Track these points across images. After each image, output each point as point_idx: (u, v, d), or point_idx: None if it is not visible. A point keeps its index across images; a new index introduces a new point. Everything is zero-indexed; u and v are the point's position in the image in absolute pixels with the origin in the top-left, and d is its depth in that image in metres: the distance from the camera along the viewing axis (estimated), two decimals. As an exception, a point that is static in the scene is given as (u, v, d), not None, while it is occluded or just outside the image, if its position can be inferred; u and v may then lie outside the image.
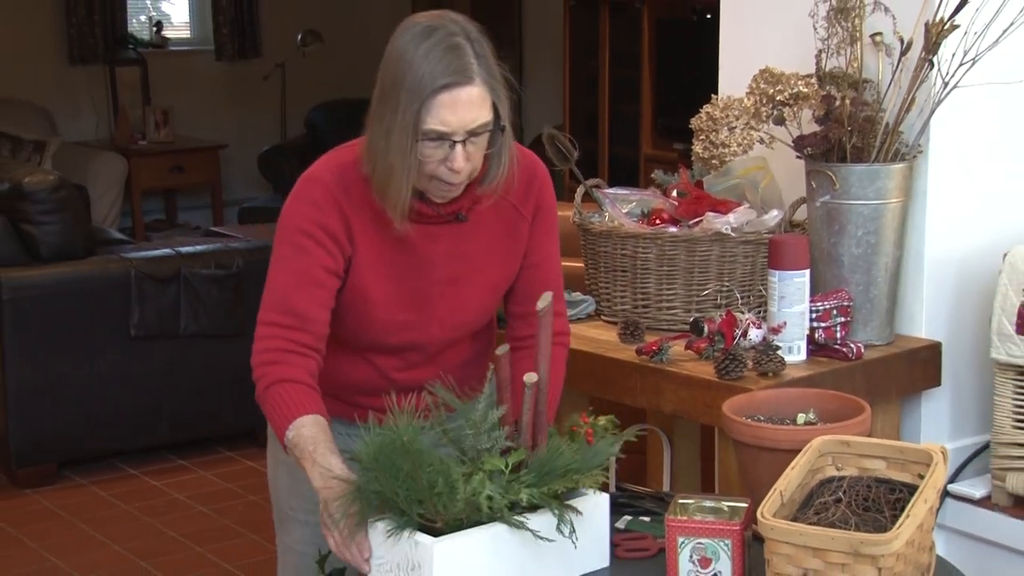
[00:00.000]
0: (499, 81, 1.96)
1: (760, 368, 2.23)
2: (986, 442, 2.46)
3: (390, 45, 2.00)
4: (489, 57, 1.96)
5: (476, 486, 1.76)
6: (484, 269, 2.11)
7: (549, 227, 2.14)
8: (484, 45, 1.96)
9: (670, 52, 6.22)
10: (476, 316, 2.14)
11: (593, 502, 1.85)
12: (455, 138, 1.92)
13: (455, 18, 1.99)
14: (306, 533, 2.25)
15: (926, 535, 1.78)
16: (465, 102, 1.92)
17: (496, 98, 1.95)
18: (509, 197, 2.09)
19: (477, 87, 1.92)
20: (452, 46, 1.92)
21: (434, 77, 1.91)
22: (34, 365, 4.37)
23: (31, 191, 4.39)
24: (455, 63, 1.91)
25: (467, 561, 1.77)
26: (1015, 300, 2.30)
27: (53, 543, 4.05)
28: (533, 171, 2.13)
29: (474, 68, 1.92)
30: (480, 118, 1.93)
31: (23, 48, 7.74)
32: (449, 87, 1.91)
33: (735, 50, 2.74)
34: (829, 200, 2.37)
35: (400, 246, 2.06)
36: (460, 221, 2.06)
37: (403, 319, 2.10)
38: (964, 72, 2.32)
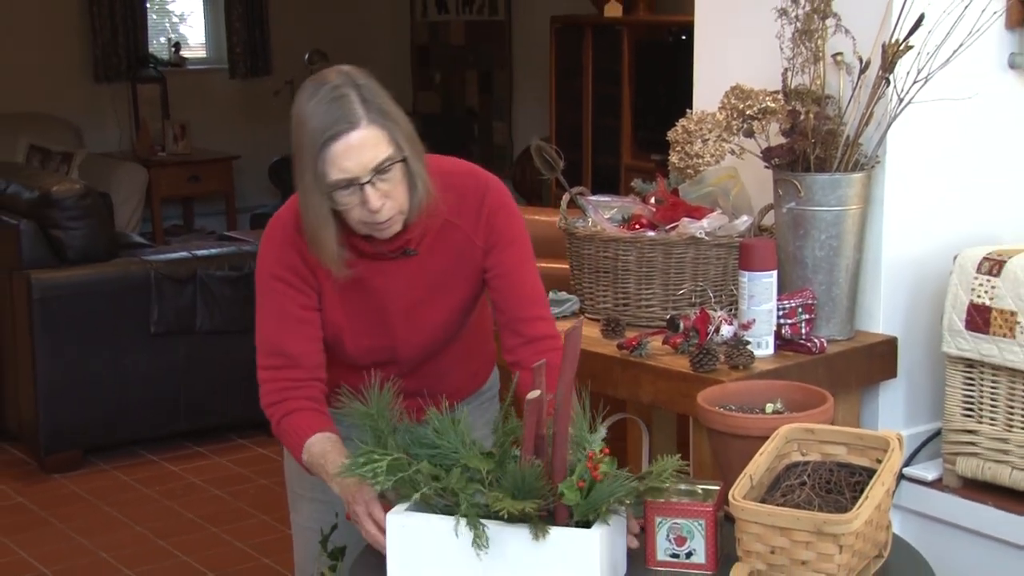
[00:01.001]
0: (393, 117, 1.90)
1: (731, 362, 2.23)
2: (938, 429, 2.46)
3: (292, 111, 1.94)
4: (379, 98, 1.91)
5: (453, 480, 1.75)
6: (441, 295, 2.07)
7: (508, 242, 2.06)
8: (372, 88, 1.91)
9: (648, 71, 6.22)
10: (442, 335, 2.10)
11: (579, 536, 1.68)
12: (361, 180, 1.87)
13: (341, 70, 1.94)
14: (314, 510, 2.25)
15: (883, 515, 1.78)
16: (357, 146, 1.86)
17: (392, 133, 1.89)
18: (460, 224, 2.03)
19: (365, 128, 1.87)
20: (335, 97, 1.87)
21: (323, 130, 1.86)
22: (62, 360, 4.35)
23: (59, 199, 4.38)
24: (339, 112, 1.86)
25: (420, 540, 1.75)
26: (964, 299, 2.30)
27: (79, 524, 4.03)
28: (483, 196, 2.05)
29: (359, 112, 1.87)
30: (379, 155, 1.87)
31: (52, 67, 7.73)
32: (338, 136, 1.86)
33: (708, 69, 2.74)
34: (795, 207, 2.37)
35: (359, 283, 2.03)
36: (410, 256, 2.02)
37: (371, 344, 2.08)
38: (918, 89, 2.32)
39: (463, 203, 2.04)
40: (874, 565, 1.79)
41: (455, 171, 2.07)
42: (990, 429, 2.30)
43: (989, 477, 2.31)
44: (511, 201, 2.09)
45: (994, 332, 2.25)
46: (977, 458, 2.32)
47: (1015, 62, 2.55)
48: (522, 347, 2.06)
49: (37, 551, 3.84)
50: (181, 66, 8.31)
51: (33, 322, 4.30)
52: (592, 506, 1.70)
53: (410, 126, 1.94)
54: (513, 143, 8.07)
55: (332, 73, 1.92)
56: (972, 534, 2.35)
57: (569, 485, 1.70)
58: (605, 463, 1.71)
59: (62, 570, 3.71)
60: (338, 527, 2.25)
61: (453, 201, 2.03)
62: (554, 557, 1.69)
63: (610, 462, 1.72)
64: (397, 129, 1.90)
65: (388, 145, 1.89)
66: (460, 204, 2.04)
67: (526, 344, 2.05)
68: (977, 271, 2.28)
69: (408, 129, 1.93)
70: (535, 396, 1.70)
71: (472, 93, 8.36)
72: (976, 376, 2.32)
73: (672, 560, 1.79)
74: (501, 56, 8.05)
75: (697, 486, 1.87)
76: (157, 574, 3.67)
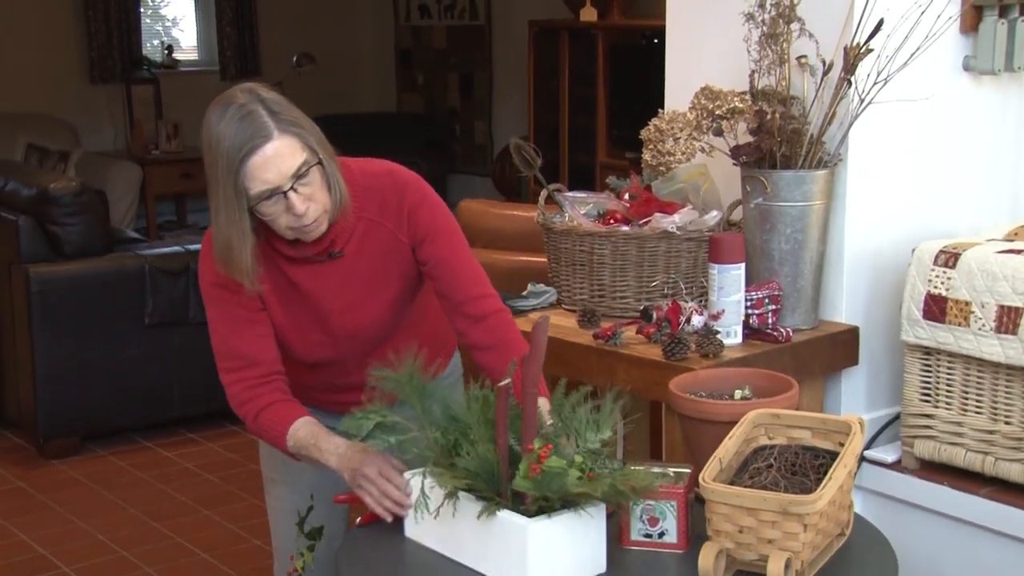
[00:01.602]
0: (302, 125, 1.89)
1: (702, 350, 2.23)
2: (897, 413, 2.47)
3: (202, 133, 1.91)
4: (286, 109, 1.89)
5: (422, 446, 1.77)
6: (375, 292, 2.05)
7: (435, 235, 2.03)
8: (278, 101, 1.90)
9: (622, 73, 6.22)
10: (380, 330, 2.08)
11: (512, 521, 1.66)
12: (283, 188, 1.86)
13: (245, 87, 1.92)
14: (283, 490, 2.25)
15: (846, 495, 1.78)
16: (274, 156, 1.85)
17: (304, 139, 1.88)
18: (384, 223, 2.01)
19: (279, 139, 1.85)
20: (244, 115, 1.86)
21: (238, 147, 1.85)
22: (59, 350, 4.32)
23: (56, 195, 4.34)
24: (251, 128, 1.85)
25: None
26: (922, 289, 2.31)
27: (77, 507, 4.01)
28: (402, 194, 2.02)
29: (270, 125, 1.85)
30: (296, 162, 1.86)
31: (50, 69, 7.67)
32: (254, 150, 1.84)
33: (679, 70, 2.73)
34: (762, 202, 2.37)
35: (293, 287, 2.02)
36: (336, 258, 2.01)
37: (315, 340, 2.07)
38: (878, 90, 2.32)
39: (384, 203, 2.02)
40: (837, 543, 1.80)
41: (374, 172, 2.04)
42: (946, 413, 2.31)
43: (945, 459, 2.32)
44: (431, 194, 2.06)
45: (950, 321, 2.26)
46: (934, 441, 2.33)
47: (969, 65, 2.56)
48: (472, 327, 2.04)
49: (36, 534, 3.81)
50: (174, 68, 8.26)
51: (32, 314, 4.27)
52: (541, 492, 1.66)
53: (319, 132, 1.92)
54: (493, 142, 8.05)
55: (237, 92, 1.90)
56: (929, 513, 2.36)
57: (523, 473, 1.68)
58: (551, 461, 1.66)
59: (60, 551, 3.68)
60: (314, 508, 2.25)
61: (375, 202, 2.01)
62: (499, 538, 1.68)
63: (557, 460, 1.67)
64: (308, 135, 1.89)
65: (303, 151, 1.87)
66: (382, 204, 2.02)
67: (475, 323, 2.03)
68: (934, 263, 2.29)
69: (318, 134, 1.91)
70: (505, 384, 1.71)
71: (454, 94, 8.33)
72: (933, 363, 2.33)
73: (645, 540, 1.79)
74: (481, 59, 8.03)
75: (669, 469, 1.87)
76: (152, 555, 3.65)
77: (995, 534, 2.27)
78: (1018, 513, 2.22)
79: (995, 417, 2.24)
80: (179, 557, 3.63)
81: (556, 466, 1.65)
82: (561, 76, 6.62)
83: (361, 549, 1.84)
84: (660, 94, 2.76)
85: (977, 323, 2.22)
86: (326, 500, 2.22)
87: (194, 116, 9.20)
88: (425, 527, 1.80)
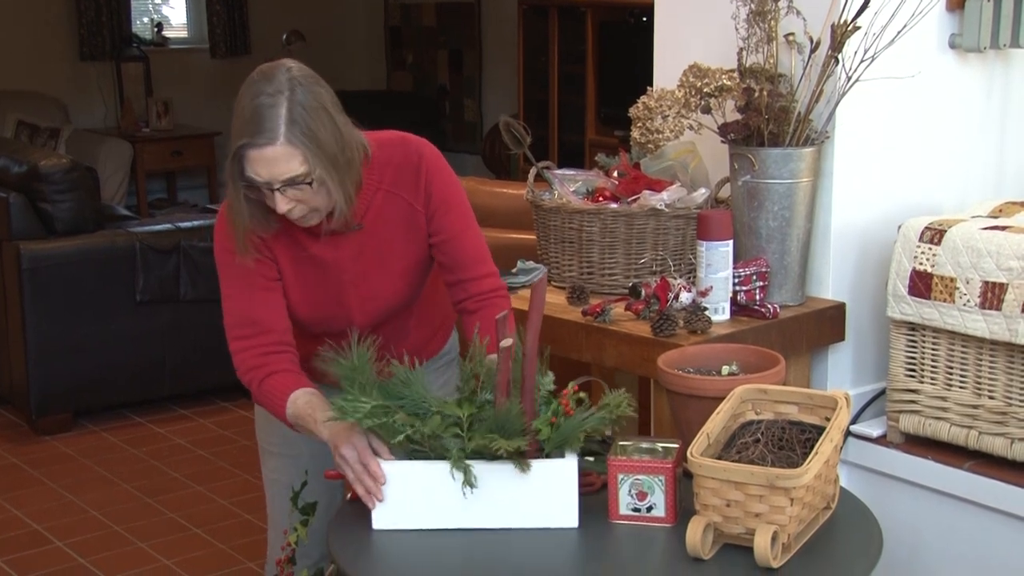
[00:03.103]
0: (317, 137, 1.83)
1: (690, 327, 2.23)
2: (882, 388, 2.48)
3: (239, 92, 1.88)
4: (310, 114, 1.83)
5: (433, 427, 1.76)
6: (389, 261, 2.05)
7: (448, 207, 2.03)
8: (308, 102, 1.83)
9: (611, 51, 6.20)
10: (392, 302, 2.08)
11: (557, 466, 1.76)
12: (272, 187, 1.85)
13: (292, 71, 1.86)
14: (280, 463, 2.25)
15: (832, 470, 1.79)
16: (270, 158, 1.82)
17: (310, 153, 1.83)
18: (401, 193, 2.01)
19: (281, 146, 1.81)
20: (263, 105, 1.82)
21: (242, 134, 1.83)
22: (51, 327, 4.31)
23: (47, 173, 4.32)
24: (261, 123, 1.81)
25: (407, 486, 1.77)
26: (907, 266, 2.31)
27: (69, 482, 4.01)
28: (418, 163, 2.01)
29: (280, 129, 1.81)
30: (289, 171, 1.83)
31: (40, 47, 7.61)
32: (255, 145, 1.82)
33: (668, 48, 2.72)
34: (749, 180, 2.37)
35: (311, 258, 2.01)
36: (356, 230, 2.00)
37: (325, 313, 2.07)
38: (865, 68, 2.32)
39: (400, 173, 2.01)
40: (823, 516, 1.81)
41: (388, 142, 2.03)
42: (931, 388, 2.32)
43: (929, 433, 2.33)
44: (445, 164, 2.06)
45: (935, 297, 2.26)
46: (919, 415, 2.34)
47: (955, 42, 2.56)
48: (469, 300, 2.07)
49: (29, 508, 3.81)
50: (163, 46, 8.20)
51: (23, 291, 4.26)
52: (563, 437, 1.75)
53: (337, 144, 1.86)
54: (483, 120, 8.03)
55: (281, 72, 1.86)
56: (913, 486, 2.38)
57: (544, 421, 1.75)
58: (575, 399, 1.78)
59: (53, 527, 3.68)
60: (308, 483, 2.25)
61: (391, 173, 2.01)
62: (535, 488, 1.75)
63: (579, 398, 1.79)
64: (318, 150, 1.84)
65: (301, 164, 1.84)
66: (398, 175, 2.01)
67: (473, 299, 2.07)
68: (919, 240, 2.29)
69: (332, 149, 1.85)
70: (508, 343, 1.74)
71: (443, 72, 8.30)
72: (918, 339, 2.33)
73: (634, 514, 1.80)
74: (471, 36, 7.99)
75: (657, 444, 1.87)
76: (144, 530, 3.65)
77: (978, 506, 2.28)
78: (1000, 486, 2.23)
79: (979, 392, 2.25)
80: (172, 532, 3.63)
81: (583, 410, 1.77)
82: (550, 54, 6.59)
83: (352, 524, 1.84)
84: (649, 72, 2.75)
85: (962, 299, 2.22)
86: (321, 475, 2.22)
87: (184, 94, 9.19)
88: (433, 510, 1.78)
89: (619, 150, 2.65)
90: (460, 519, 1.77)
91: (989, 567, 2.30)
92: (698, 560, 1.67)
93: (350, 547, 1.79)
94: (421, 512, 1.78)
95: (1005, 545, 2.26)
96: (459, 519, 1.77)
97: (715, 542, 1.70)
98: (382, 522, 1.79)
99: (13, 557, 3.49)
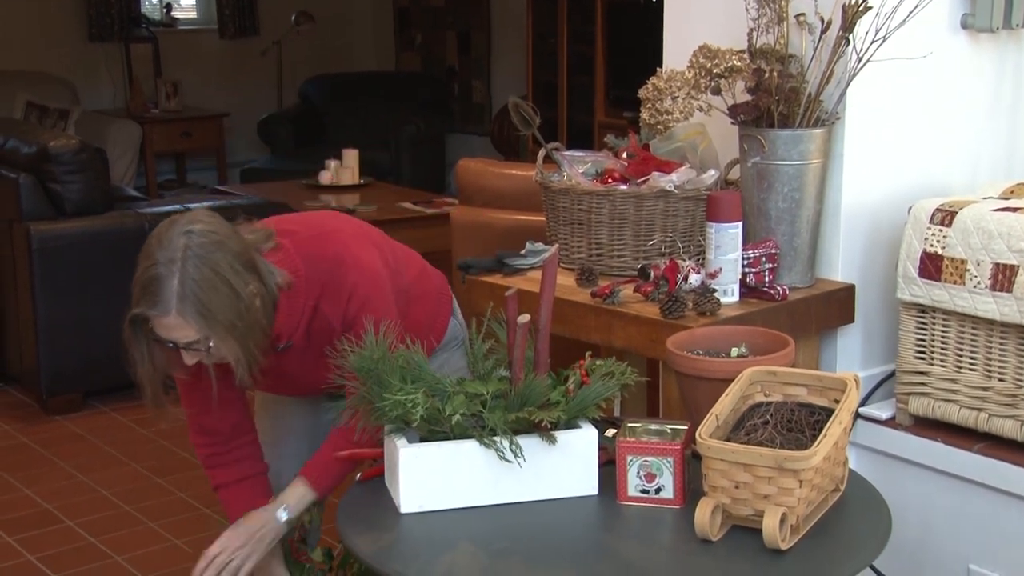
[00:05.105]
0: (210, 307, 1.82)
1: (699, 308, 2.23)
2: (892, 370, 2.47)
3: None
4: (203, 283, 1.81)
5: (456, 405, 1.76)
6: (320, 360, 2.03)
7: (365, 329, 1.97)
8: (203, 267, 1.82)
9: (621, 31, 6.17)
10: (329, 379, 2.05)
11: (580, 435, 1.82)
12: (176, 346, 1.87)
13: (188, 230, 1.85)
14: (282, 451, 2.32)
15: (840, 452, 1.79)
16: (165, 326, 1.84)
17: (203, 323, 1.82)
18: (326, 311, 2.00)
19: (174, 317, 1.82)
20: (157, 276, 1.82)
21: (139, 302, 1.85)
22: (61, 307, 4.32)
23: (56, 153, 4.32)
24: (155, 295, 1.83)
25: (434, 467, 1.77)
26: (918, 247, 2.30)
27: (80, 462, 4.03)
28: (349, 297, 2.00)
29: (172, 302, 1.82)
30: (184, 338, 1.85)
31: (48, 27, 7.61)
32: (151, 318, 1.84)
33: (677, 29, 2.71)
34: (759, 161, 2.36)
35: None
36: (286, 348, 2.02)
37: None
38: (876, 48, 2.30)
39: (326, 291, 2.00)
40: (832, 498, 1.81)
41: (319, 257, 2.01)
42: (940, 370, 2.31)
43: (939, 415, 2.32)
44: (374, 293, 2.02)
45: (945, 279, 2.26)
46: (928, 397, 2.34)
47: (967, 22, 2.54)
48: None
49: (39, 488, 3.83)
50: (172, 26, 8.19)
51: (33, 272, 4.26)
52: (581, 406, 1.80)
53: (234, 311, 1.84)
54: (491, 101, 8.00)
55: (179, 237, 1.84)
56: (923, 468, 2.37)
57: (560, 393, 1.80)
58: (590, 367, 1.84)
59: (63, 506, 3.70)
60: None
61: (317, 288, 2.00)
62: (557, 459, 1.79)
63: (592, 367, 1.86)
64: (212, 321, 1.83)
65: (195, 333, 1.84)
66: (323, 292, 2.00)
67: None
68: (930, 221, 2.28)
69: (228, 317, 1.84)
70: (525, 320, 1.78)
71: (452, 53, 8.27)
72: (928, 321, 2.32)
73: (642, 496, 1.80)
74: (480, 17, 7.96)
75: (666, 426, 1.87)
76: (154, 509, 3.67)
77: (987, 489, 2.28)
78: (1010, 468, 2.22)
79: (989, 374, 2.24)
80: (181, 512, 3.65)
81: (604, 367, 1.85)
82: (559, 35, 6.57)
83: (360, 505, 1.84)
84: (658, 53, 2.74)
85: (972, 281, 2.21)
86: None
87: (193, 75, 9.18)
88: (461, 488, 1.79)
89: (628, 131, 2.64)
90: (489, 495, 1.78)
91: (998, 549, 2.30)
92: (706, 541, 1.67)
93: (359, 527, 1.79)
94: (449, 492, 1.78)
95: (1014, 527, 2.26)
96: (488, 495, 1.78)
97: (723, 524, 1.70)
98: (409, 505, 1.79)
99: (24, 536, 3.51)
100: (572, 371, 1.86)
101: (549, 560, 1.68)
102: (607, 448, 1.88)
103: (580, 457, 1.81)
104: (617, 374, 1.86)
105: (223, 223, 1.90)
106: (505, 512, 1.78)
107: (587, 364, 1.87)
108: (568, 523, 1.77)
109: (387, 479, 1.86)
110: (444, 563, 1.68)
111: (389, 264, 2.12)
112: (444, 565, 1.67)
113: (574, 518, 1.78)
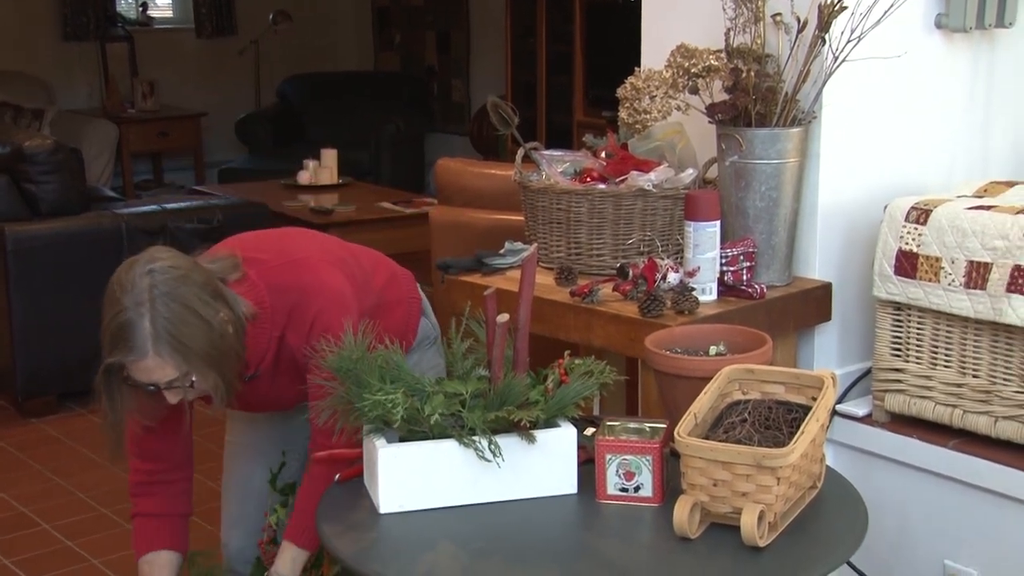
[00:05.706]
0: (185, 340, 1.80)
1: (677, 307, 2.24)
2: (868, 368, 2.49)
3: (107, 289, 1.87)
4: (175, 320, 1.79)
5: (435, 405, 1.76)
6: (287, 386, 2.06)
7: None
8: (171, 304, 1.79)
9: (599, 31, 6.19)
10: (299, 400, 2.08)
11: (560, 434, 1.82)
12: (158, 387, 1.85)
13: (150, 269, 1.82)
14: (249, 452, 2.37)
15: (818, 449, 1.80)
16: (144, 369, 1.82)
17: (181, 359, 1.80)
18: (289, 339, 2.00)
19: (151, 358, 1.80)
20: (127, 322, 1.80)
21: (113, 351, 1.83)
22: (36, 308, 4.30)
23: (31, 154, 4.30)
24: (129, 341, 1.80)
25: (413, 467, 1.77)
26: (894, 246, 2.32)
27: (56, 465, 4.00)
28: (312, 323, 1.99)
29: (148, 344, 1.79)
30: (165, 377, 1.83)
31: (23, 26, 7.55)
32: (128, 365, 1.82)
33: (655, 29, 2.72)
34: (737, 160, 2.37)
35: None
36: (253, 378, 2.03)
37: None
38: (851, 48, 2.32)
39: (291, 319, 2.00)
40: (809, 495, 1.82)
41: (284, 287, 2.00)
42: (916, 368, 2.33)
43: (915, 412, 2.34)
44: (337, 318, 1.99)
45: (921, 277, 2.27)
46: (904, 395, 2.36)
47: (942, 22, 2.56)
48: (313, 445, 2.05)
49: (15, 491, 3.81)
50: (148, 25, 8.15)
51: (8, 273, 4.24)
52: (559, 405, 1.81)
53: (208, 341, 1.82)
54: (470, 100, 8.00)
55: (141, 277, 1.81)
56: (899, 465, 2.39)
57: (539, 392, 1.81)
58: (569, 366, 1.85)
59: (40, 509, 3.68)
60: (287, 464, 2.26)
61: (282, 317, 1.99)
62: (537, 458, 1.80)
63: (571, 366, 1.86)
64: (189, 355, 1.81)
65: (175, 370, 1.83)
66: (289, 320, 2.00)
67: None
68: (905, 220, 2.30)
69: (203, 347, 1.82)
70: (504, 319, 1.78)
71: (431, 53, 8.27)
72: (904, 318, 2.34)
73: (621, 494, 1.81)
74: (459, 17, 7.96)
75: (645, 424, 1.88)
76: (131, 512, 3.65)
77: (962, 484, 2.30)
78: (984, 464, 2.25)
79: (963, 371, 2.27)
80: (160, 513, 3.63)
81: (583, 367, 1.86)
82: (538, 34, 6.58)
83: (339, 506, 1.84)
84: (637, 52, 2.75)
85: (947, 279, 2.23)
86: (298, 457, 2.23)
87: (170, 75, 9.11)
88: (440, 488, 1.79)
89: (607, 131, 2.65)
90: (468, 495, 1.79)
91: (974, 544, 2.32)
92: (685, 539, 1.68)
93: (338, 528, 1.79)
94: (428, 491, 1.78)
95: (989, 522, 2.28)
96: (467, 495, 1.79)
97: (702, 521, 1.71)
98: (389, 505, 1.79)
99: (0, 540, 3.49)
100: (551, 370, 1.87)
101: (529, 559, 1.68)
102: (586, 447, 1.89)
103: (559, 456, 1.82)
104: (596, 373, 1.86)
105: (182, 256, 1.88)
106: (485, 511, 1.78)
107: (566, 363, 1.87)
108: (548, 522, 1.77)
109: (366, 479, 1.86)
110: (424, 563, 1.68)
111: (357, 280, 2.10)
112: (424, 565, 1.68)
113: (554, 517, 1.79)
